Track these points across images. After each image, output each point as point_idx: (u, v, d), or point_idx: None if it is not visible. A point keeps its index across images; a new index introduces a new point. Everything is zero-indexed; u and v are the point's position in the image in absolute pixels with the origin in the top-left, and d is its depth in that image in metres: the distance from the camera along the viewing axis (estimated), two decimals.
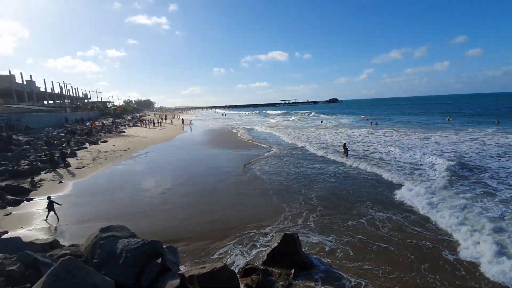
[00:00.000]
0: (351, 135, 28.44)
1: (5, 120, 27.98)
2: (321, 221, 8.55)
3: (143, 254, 4.87)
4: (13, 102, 48.31)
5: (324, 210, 9.40)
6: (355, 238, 7.42)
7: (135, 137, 32.00)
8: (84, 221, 9.09)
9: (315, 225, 8.30)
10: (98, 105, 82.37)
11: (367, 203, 9.80)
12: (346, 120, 52.01)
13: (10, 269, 4.52)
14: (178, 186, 12.82)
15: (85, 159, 19.18)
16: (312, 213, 9.17)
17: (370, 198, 10.30)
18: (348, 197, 10.56)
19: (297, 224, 8.44)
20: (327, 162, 16.53)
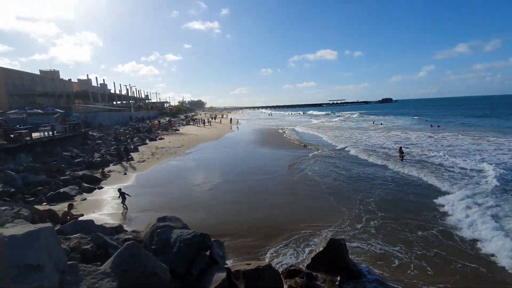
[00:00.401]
0: (407, 138, 26.06)
1: (83, 118, 32.45)
2: (384, 228, 8.01)
3: (194, 245, 5.19)
4: (89, 103, 55.89)
5: (385, 216, 8.78)
6: (430, 252, 6.70)
7: (187, 135, 34.26)
8: (144, 210, 10.05)
9: (377, 232, 7.79)
10: (157, 105, 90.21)
11: (435, 213, 8.93)
12: (401, 121, 47.90)
13: (85, 247, 5.24)
14: (226, 183, 13.33)
15: (145, 154, 21.21)
16: (372, 218, 8.66)
17: (434, 209, 9.31)
18: (411, 205, 9.69)
19: (356, 228, 8.06)
20: (380, 166, 15.45)
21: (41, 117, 30.84)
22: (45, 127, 21.32)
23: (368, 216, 8.82)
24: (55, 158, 16.69)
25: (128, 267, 3.70)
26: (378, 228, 8.04)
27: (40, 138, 19.25)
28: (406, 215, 8.82)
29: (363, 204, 9.84)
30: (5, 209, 6.17)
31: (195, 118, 62.74)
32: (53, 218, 8.61)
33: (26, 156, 16.17)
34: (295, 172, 14.72)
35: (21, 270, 2.77)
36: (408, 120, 49.08)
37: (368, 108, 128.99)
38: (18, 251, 2.86)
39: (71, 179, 13.38)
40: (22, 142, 17.19)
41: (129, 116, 48.50)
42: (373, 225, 8.21)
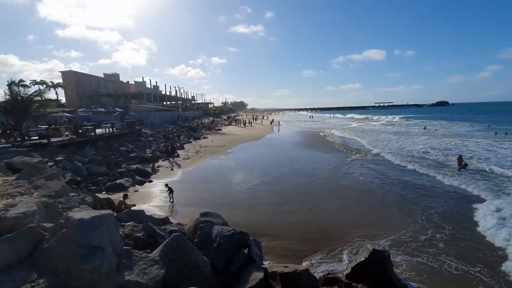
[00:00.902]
0: (465, 146, 23.30)
1: (138, 117, 35.55)
2: (456, 244, 7.25)
3: (234, 242, 5.36)
4: (143, 103, 61.01)
5: (454, 231, 7.95)
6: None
7: (229, 135, 35.33)
8: (187, 204, 10.65)
9: (447, 247, 7.09)
10: (201, 106, 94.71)
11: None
12: (457, 127, 43.02)
13: (137, 235, 5.76)
14: (265, 183, 13.44)
15: (190, 152, 22.43)
16: (439, 231, 7.94)
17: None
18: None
19: (419, 240, 7.49)
20: (430, 177, 14.11)
21: (104, 115, 34.59)
22: (106, 124, 23.89)
23: (434, 229, 8.09)
24: (113, 152, 18.58)
25: (174, 256, 3.99)
26: (447, 242, 7.34)
27: (102, 134, 21.61)
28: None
29: (423, 215, 9.08)
30: (73, 196, 7.08)
31: (236, 119, 64.38)
32: (110, 206, 9.63)
33: (90, 149, 18.29)
34: (337, 176, 14.26)
35: (87, 250, 3.16)
36: (466, 126, 43.88)
37: (419, 112, 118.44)
38: (85, 233, 3.27)
39: (126, 172, 14.76)
40: (88, 137, 19.47)
41: (177, 116, 51.70)
42: (440, 238, 7.52)
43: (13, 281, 3.07)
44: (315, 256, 6.86)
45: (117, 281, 3.18)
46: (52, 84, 53.79)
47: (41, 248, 3.36)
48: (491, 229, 7.95)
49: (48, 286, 3.03)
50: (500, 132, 31.91)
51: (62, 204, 5.77)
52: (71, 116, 26.91)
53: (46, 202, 4.82)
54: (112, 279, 3.16)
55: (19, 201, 4.86)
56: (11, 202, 4.97)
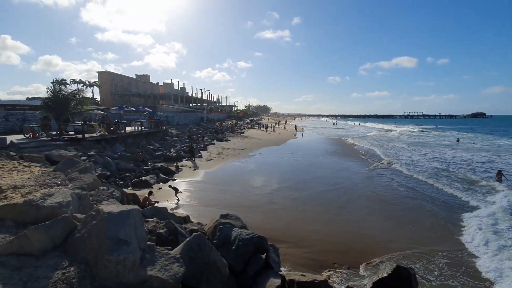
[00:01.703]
0: (503, 162, 21.58)
1: (165, 117, 36.90)
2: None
3: (252, 246, 5.36)
4: (170, 103, 63.25)
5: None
6: None
7: (251, 138, 35.53)
8: (208, 205, 10.83)
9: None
10: (226, 108, 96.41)
11: None
12: (497, 140, 39.90)
13: (159, 232, 5.94)
14: (285, 189, 13.33)
15: (213, 153, 22.84)
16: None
17: None
18: None
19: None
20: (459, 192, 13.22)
21: (134, 114, 36.30)
22: (136, 122, 25.04)
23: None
24: (141, 150, 19.41)
25: (194, 255, 4.06)
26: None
27: (131, 132, 22.68)
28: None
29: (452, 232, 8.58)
30: (103, 189, 7.47)
31: (259, 123, 64.66)
32: (135, 201, 10.03)
33: (120, 146, 19.25)
34: (360, 185, 13.82)
35: (114, 242, 3.32)
36: (505, 140, 40.60)
37: (451, 123, 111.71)
38: (113, 226, 3.44)
39: (151, 169, 15.33)
40: (119, 134, 20.52)
41: (200, 117, 52.99)
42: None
43: (47, 266, 3.30)
44: (334, 267, 6.67)
45: (140, 275, 3.30)
46: (89, 83, 57.60)
47: (73, 237, 3.57)
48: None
49: (78, 273, 3.22)
50: None
51: (93, 196, 6.11)
52: (105, 114, 28.51)
53: (80, 194, 5.13)
54: (135, 272, 3.29)
55: (55, 192, 5.22)
56: (48, 192, 5.35)
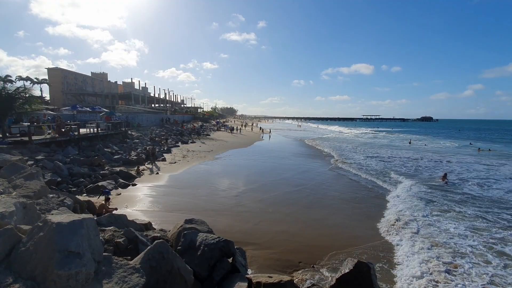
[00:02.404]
0: (447, 162, 24.18)
1: (124, 118, 34.85)
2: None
3: (218, 250, 5.27)
4: (131, 104, 59.95)
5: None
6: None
7: (218, 140, 35.13)
8: (172, 210, 10.42)
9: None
10: (191, 110, 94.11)
11: None
12: (441, 143, 44.55)
13: (117, 241, 5.55)
14: (252, 191, 13.38)
15: (177, 156, 22.10)
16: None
17: None
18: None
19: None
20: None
21: (89, 115, 33.70)
22: (91, 124, 23.26)
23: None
24: (97, 153, 18.06)
25: (156, 264, 3.87)
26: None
27: (86, 134, 21.01)
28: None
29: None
30: (52, 197, 6.79)
31: (225, 125, 64.26)
32: (90, 209, 9.29)
33: (73, 149, 17.70)
34: (323, 185, 14.40)
35: (64, 255, 3.02)
36: (448, 141, 45.60)
37: (404, 126, 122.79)
38: (63, 238, 3.13)
39: (109, 174, 14.34)
40: (71, 136, 18.87)
41: (161, 118, 50.30)
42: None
43: None
44: (300, 266, 6.83)
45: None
46: (38, 81, 52.18)
47: (18, 251, 3.18)
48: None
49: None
50: (484, 149, 33.20)
51: (41, 205, 5.51)
52: (55, 114, 26.05)
53: (25, 203, 4.59)
54: (89, 287, 3.02)
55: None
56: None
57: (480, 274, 6.66)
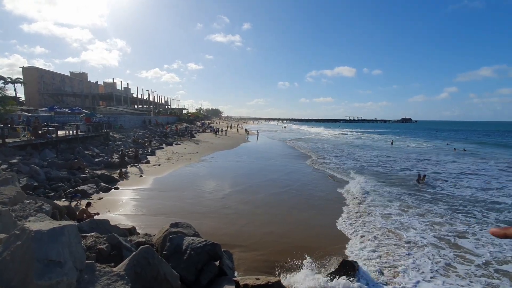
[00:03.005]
0: (426, 162, 25.20)
1: (106, 119, 33.79)
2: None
3: (205, 254, 5.22)
4: (113, 105, 58.19)
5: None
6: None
7: (203, 142, 34.78)
8: (157, 213, 10.21)
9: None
10: (175, 111, 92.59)
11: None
12: (422, 143, 46.38)
13: (100, 247, 5.37)
14: (238, 193, 13.34)
15: (161, 158, 21.67)
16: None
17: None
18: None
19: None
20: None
21: (67, 116, 32.41)
22: (70, 125, 22.37)
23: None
24: (76, 156, 17.38)
25: (141, 270, 3.77)
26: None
27: (65, 136, 20.18)
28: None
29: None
30: (29, 203, 6.47)
31: (211, 126, 63.73)
32: (70, 215, 8.93)
33: (50, 152, 16.95)
34: (308, 186, 14.58)
35: (44, 264, 2.89)
36: (426, 142, 47.58)
37: (385, 127, 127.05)
38: (43, 246, 2.99)
39: (90, 178, 13.84)
40: (48, 138, 18.07)
41: (145, 120, 49.09)
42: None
43: None
44: (287, 267, 6.88)
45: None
46: (11, 80, 49.51)
47: None
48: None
49: None
50: (459, 149, 34.77)
51: (16, 212, 5.23)
52: (32, 115, 24.86)
53: None
54: None
55: None
56: None
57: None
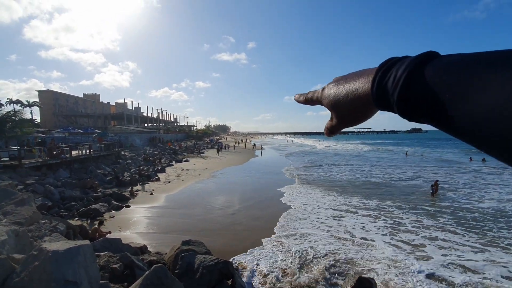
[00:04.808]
0: (438, 174, 24.58)
1: (117, 138, 34.59)
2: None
3: (217, 272, 5.16)
4: (124, 124, 59.73)
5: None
6: None
7: (212, 158, 35.00)
8: (168, 231, 10.19)
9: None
10: (184, 128, 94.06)
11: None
12: (436, 153, 45.39)
13: (113, 266, 5.39)
14: (248, 208, 13.24)
15: (171, 175, 21.86)
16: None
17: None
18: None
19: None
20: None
21: (81, 136, 33.36)
22: (83, 145, 22.99)
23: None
24: (89, 175, 17.74)
25: None
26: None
27: (78, 156, 20.71)
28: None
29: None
30: (44, 223, 6.60)
31: (219, 142, 64.25)
32: (83, 234, 9.02)
33: (64, 172, 17.37)
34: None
35: (61, 285, 2.93)
36: (438, 152, 46.56)
37: (395, 138, 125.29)
38: (59, 266, 3.05)
39: (102, 196, 14.04)
40: (63, 158, 18.57)
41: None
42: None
43: None
44: (299, 284, 6.69)
45: None
46: (28, 104, 51.70)
47: (12, 282, 3.07)
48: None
49: None
50: (476, 158, 32.19)
51: (33, 232, 5.35)
52: (47, 136, 25.72)
53: (17, 231, 4.46)
54: None
55: None
56: None
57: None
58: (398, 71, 0.36)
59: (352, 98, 0.43)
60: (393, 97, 0.36)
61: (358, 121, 0.46)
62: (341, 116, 0.47)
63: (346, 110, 0.45)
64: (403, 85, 0.34)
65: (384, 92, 0.38)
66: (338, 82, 0.47)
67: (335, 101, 0.46)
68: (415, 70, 0.34)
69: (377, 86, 0.39)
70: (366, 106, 0.42)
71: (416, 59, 0.35)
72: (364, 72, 0.43)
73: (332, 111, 0.48)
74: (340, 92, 0.45)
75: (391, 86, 0.36)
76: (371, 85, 0.40)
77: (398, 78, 0.35)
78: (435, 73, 0.32)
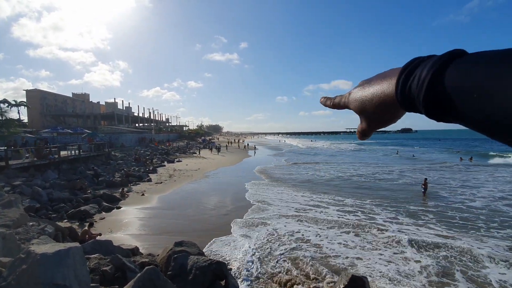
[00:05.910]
0: (428, 172, 25.08)
1: (107, 138, 34.03)
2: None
3: (210, 273, 5.12)
4: (114, 124, 58.83)
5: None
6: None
7: (205, 158, 34.80)
8: (160, 233, 10.08)
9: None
10: (176, 128, 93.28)
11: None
12: (428, 153, 46.24)
13: (104, 269, 5.28)
14: (241, 208, 13.21)
15: (163, 176, 21.63)
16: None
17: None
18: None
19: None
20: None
21: (70, 136, 32.67)
22: (72, 146, 22.53)
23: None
24: (79, 176, 17.39)
25: None
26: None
27: (67, 156, 20.27)
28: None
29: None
30: (32, 225, 6.43)
31: (212, 142, 63.97)
32: (72, 236, 8.83)
33: (53, 173, 16.98)
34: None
35: None
36: (429, 152, 47.51)
37: (386, 138, 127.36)
38: (48, 270, 2.97)
39: (92, 197, 13.79)
40: (51, 159, 18.15)
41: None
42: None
43: None
44: (299, 282, 6.71)
45: None
46: (15, 103, 50.26)
47: None
48: None
49: None
50: (465, 158, 33.70)
51: (20, 235, 5.20)
52: (35, 137, 25.08)
53: (4, 233, 4.32)
54: None
55: None
56: None
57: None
58: (422, 73, 0.36)
59: (378, 102, 0.43)
60: (419, 99, 0.36)
61: (387, 123, 0.47)
62: (369, 120, 0.47)
63: (373, 113, 0.46)
64: (428, 87, 0.34)
65: (409, 95, 0.37)
66: (363, 86, 0.47)
67: (361, 105, 0.47)
68: (439, 71, 0.34)
69: (401, 89, 0.38)
70: (392, 108, 0.42)
71: (440, 59, 0.35)
72: (388, 74, 0.43)
73: (360, 115, 0.49)
74: (365, 96, 0.46)
75: (415, 88, 0.36)
76: (395, 88, 0.40)
77: (423, 80, 0.35)
78: (460, 73, 0.32)
